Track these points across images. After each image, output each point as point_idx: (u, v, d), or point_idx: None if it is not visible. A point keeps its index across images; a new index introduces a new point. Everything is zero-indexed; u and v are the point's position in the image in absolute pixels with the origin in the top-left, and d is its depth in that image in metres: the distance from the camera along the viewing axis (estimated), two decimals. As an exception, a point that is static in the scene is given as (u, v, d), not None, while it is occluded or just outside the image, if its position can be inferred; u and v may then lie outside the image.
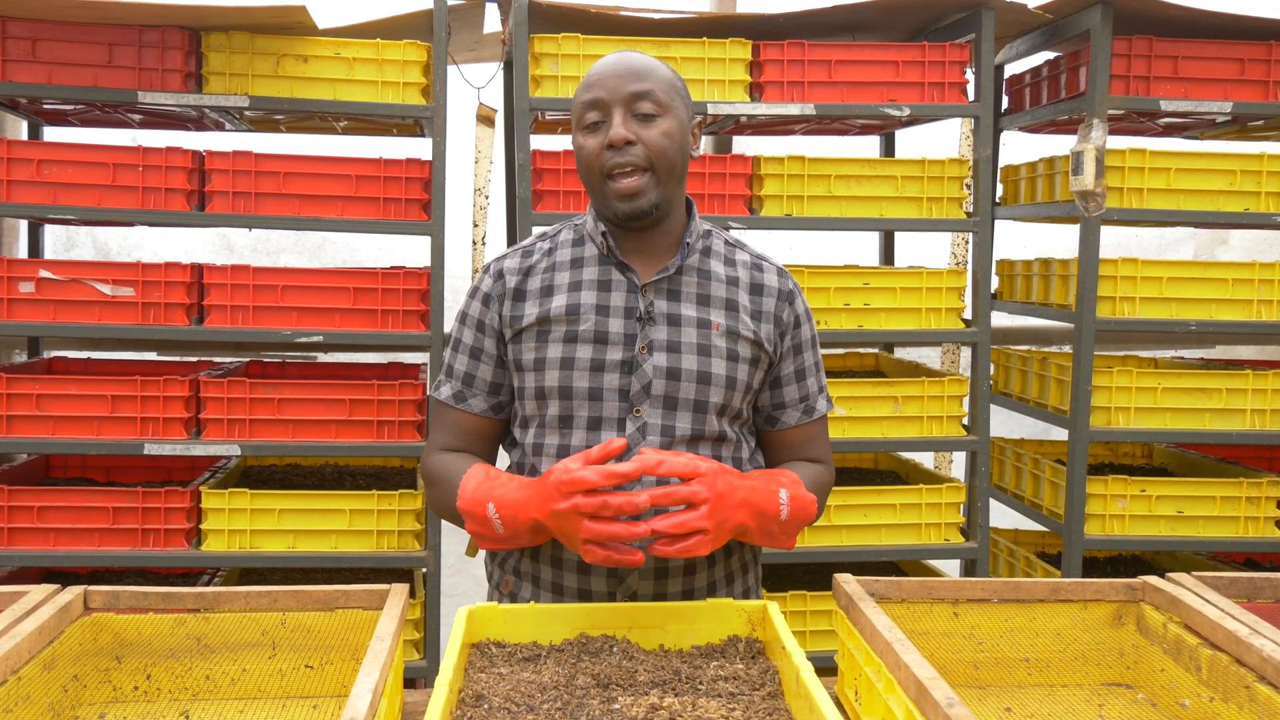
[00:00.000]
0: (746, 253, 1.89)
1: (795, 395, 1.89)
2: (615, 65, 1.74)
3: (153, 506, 2.98)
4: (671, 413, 1.77)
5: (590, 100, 1.72)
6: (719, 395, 1.79)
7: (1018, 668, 1.62)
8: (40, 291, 2.96)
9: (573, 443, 1.77)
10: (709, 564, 1.83)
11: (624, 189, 1.71)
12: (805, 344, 1.91)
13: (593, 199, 1.79)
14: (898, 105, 3.17)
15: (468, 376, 1.85)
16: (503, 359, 1.84)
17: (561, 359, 1.76)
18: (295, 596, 1.56)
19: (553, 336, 1.77)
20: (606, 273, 1.80)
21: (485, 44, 3.64)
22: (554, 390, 1.77)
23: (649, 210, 1.74)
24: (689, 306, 1.80)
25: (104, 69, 2.96)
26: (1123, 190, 3.22)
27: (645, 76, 1.72)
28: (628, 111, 1.71)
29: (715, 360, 1.78)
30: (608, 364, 1.76)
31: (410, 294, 3.07)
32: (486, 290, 1.84)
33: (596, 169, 1.73)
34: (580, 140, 1.75)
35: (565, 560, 1.79)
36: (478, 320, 1.84)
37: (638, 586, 1.77)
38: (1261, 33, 3.23)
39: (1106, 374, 3.25)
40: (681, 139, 1.76)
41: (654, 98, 1.72)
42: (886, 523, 3.22)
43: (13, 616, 1.41)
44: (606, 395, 1.76)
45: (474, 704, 1.33)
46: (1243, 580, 1.66)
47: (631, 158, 1.70)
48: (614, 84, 1.71)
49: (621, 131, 1.69)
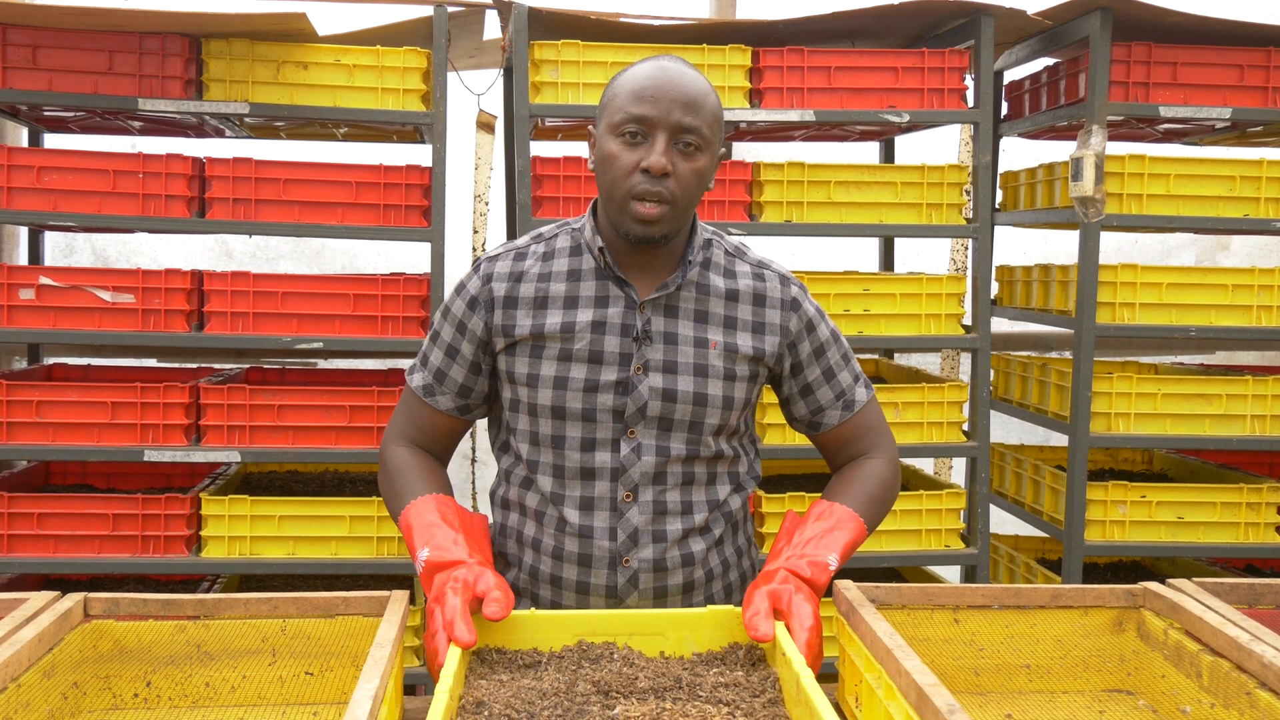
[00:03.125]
0: (747, 261, 1.85)
1: (830, 396, 1.87)
2: (671, 85, 1.68)
3: (153, 513, 2.98)
4: (666, 434, 1.76)
5: (638, 115, 1.66)
6: (715, 416, 1.77)
7: (1018, 674, 1.62)
8: (40, 298, 2.96)
9: (566, 464, 1.76)
10: (707, 580, 1.84)
11: (645, 214, 1.67)
12: (827, 344, 1.87)
13: (606, 205, 1.74)
14: (897, 111, 3.17)
15: (439, 373, 1.84)
16: (478, 365, 1.82)
17: (555, 377, 1.74)
18: (295, 603, 1.56)
19: (547, 353, 1.75)
20: (604, 288, 1.77)
21: (485, 50, 3.65)
22: (547, 409, 1.76)
23: (660, 239, 1.71)
24: (686, 325, 1.77)
25: (104, 76, 2.96)
26: (1122, 196, 3.22)
27: (697, 109, 1.68)
28: (672, 140, 1.67)
29: (712, 381, 1.76)
30: (602, 384, 1.74)
31: (410, 300, 3.07)
32: (474, 293, 1.80)
33: (624, 184, 1.68)
34: (614, 148, 1.69)
35: (564, 580, 1.79)
36: (459, 321, 1.81)
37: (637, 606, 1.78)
38: (1260, 39, 3.23)
39: (1106, 380, 3.26)
40: (709, 175, 1.73)
41: (700, 134, 1.68)
42: (887, 528, 3.22)
43: (13, 624, 1.41)
44: (600, 416, 1.74)
45: (474, 711, 1.33)
46: (1243, 586, 1.65)
47: (661, 189, 1.67)
48: (667, 106, 1.66)
49: (662, 160, 1.65)
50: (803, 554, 1.65)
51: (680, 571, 1.79)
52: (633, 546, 1.76)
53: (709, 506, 1.81)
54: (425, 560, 1.62)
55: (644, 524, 1.76)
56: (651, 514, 1.76)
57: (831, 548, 1.67)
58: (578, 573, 1.77)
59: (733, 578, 1.88)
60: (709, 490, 1.81)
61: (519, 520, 1.85)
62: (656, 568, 1.77)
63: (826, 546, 1.68)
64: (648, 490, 1.76)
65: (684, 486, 1.79)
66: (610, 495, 1.76)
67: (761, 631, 1.47)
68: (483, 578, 1.56)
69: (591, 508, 1.76)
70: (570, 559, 1.78)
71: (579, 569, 1.77)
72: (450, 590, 1.52)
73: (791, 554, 1.65)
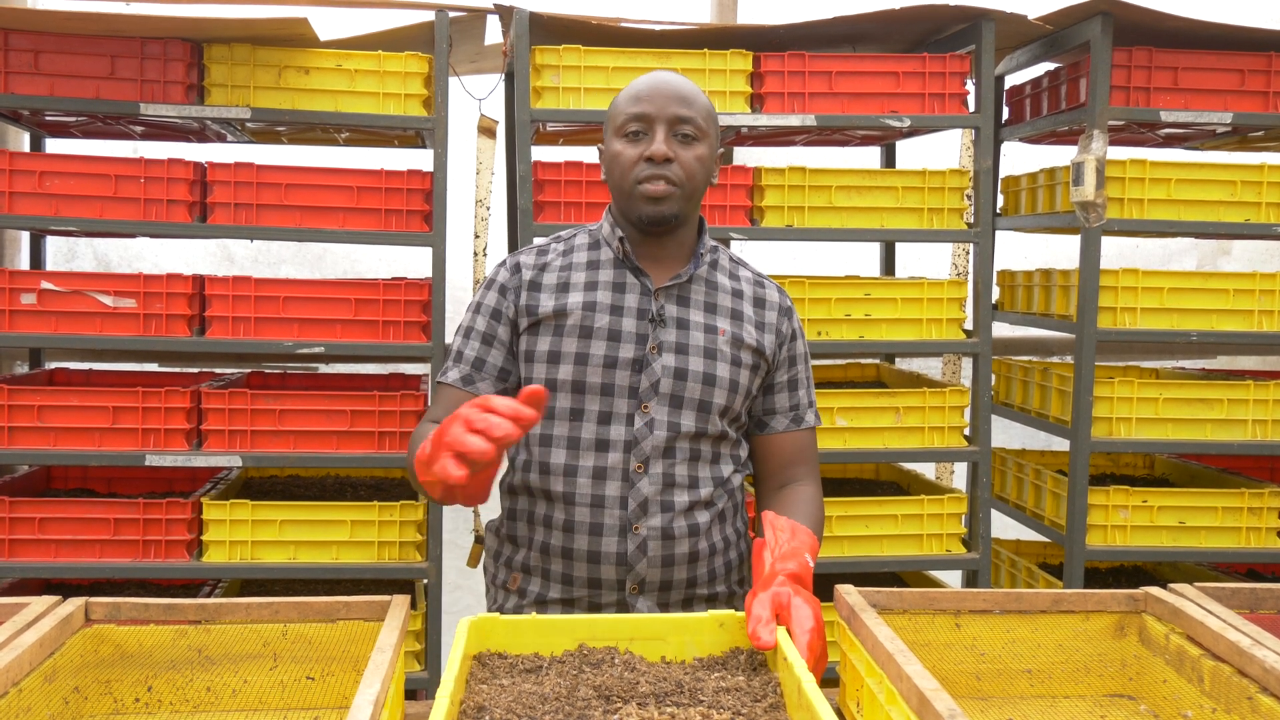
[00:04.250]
0: (749, 270, 2.04)
1: (786, 403, 2.01)
2: (664, 86, 1.87)
3: (154, 518, 2.98)
4: (677, 410, 1.87)
5: (637, 114, 1.85)
6: (722, 397, 1.90)
7: (1020, 679, 1.62)
8: (42, 303, 2.97)
9: (582, 435, 1.87)
10: (710, 553, 1.93)
11: (652, 192, 1.84)
12: (799, 357, 2.03)
13: (618, 200, 1.91)
14: (898, 116, 3.17)
15: (478, 361, 1.93)
16: (514, 349, 1.93)
17: (576, 353, 1.87)
18: (296, 608, 1.56)
19: (568, 331, 1.88)
20: (621, 276, 1.92)
21: (486, 56, 3.65)
22: (567, 384, 1.87)
23: (670, 218, 1.87)
24: (697, 313, 1.92)
25: (106, 81, 2.97)
26: (1123, 201, 3.22)
27: (691, 103, 1.86)
28: (670, 131, 1.85)
29: (720, 364, 1.90)
30: (620, 361, 1.86)
31: (411, 305, 3.07)
32: (503, 282, 1.94)
33: (631, 176, 1.86)
34: (619, 147, 1.87)
35: (575, 551, 1.87)
36: (493, 309, 1.94)
37: (646, 574, 1.87)
38: (1261, 44, 3.24)
39: (1108, 384, 3.25)
40: (710, 164, 1.91)
41: (695, 124, 1.86)
42: (888, 533, 3.22)
43: (14, 628, 1.41)
44: (618, 391, 1.86)
45: (475, 715, 1.33)
46: (1245, 591, 1.65)
47: (666, 172, 1.84)
48: (662, 103, 1.85)
49: (663, 148, 1.83)
50: (786, 554, 1.69)
51: (686, 541, 1.89)
52: (642, 515, 1.86)
53: (714, 482, 1.92)
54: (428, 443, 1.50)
55: (654, 494, 1.87)
56: (661, 485, 1.87)
57: (803, 546, 1.72)
58: (589, 542, 1.87)
59: (732, 556, 1.98)
60: (714, 467, 1.93)
61: (528, 502, 1.94)
62: (665, 535, 1.87)
63: (799, 544, 1.72)
64: (658, 463, 1.87)
65: (691, 461, 1.90)
66: (623, 466, 1.86)
67: (764, 640, 1.49)
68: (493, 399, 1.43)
69: (604, 477, 1.87)
70: (582, 529, 1.87)
71: (590, 538, 1.87)
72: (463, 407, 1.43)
73: (775, 557, 1.69)
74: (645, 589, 1.88)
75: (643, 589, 1.88)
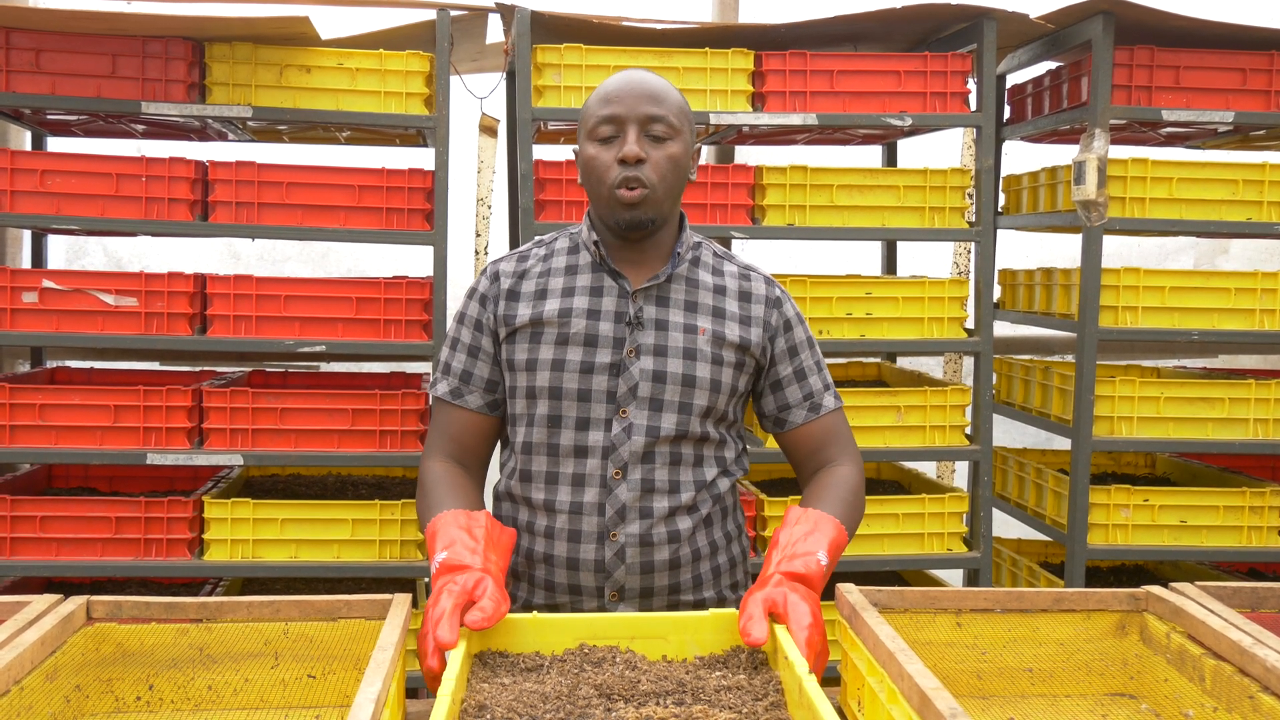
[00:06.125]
0: (735, 264, 1.98)
1: (799, 395, 1.96)
2: (634, 85, 1.83)
3: (155, 516, 2.98)
4: (657, 414, 1.85)
5: (608, 115, 1.81)
6: (703, 398, 1.87)
7: (1021, 678, 1.62)
8: (43, 302, 2.97)
9: (561, 441, 1.85)
10: (693, 559, 1.90)
11: (628, 198, 1.81)
12: (801, 345, 1.98)
13: (595, 206, 1.88)
14: (900, 115, 3.17)
15: (465, 374, 1.93)
16: (498, 358, 1.92)
17: (553, 360, 1.85)
18: (298, 606, 1.56)
19: (544, 338, 1.86)
20: (599, 279, 1.89)
21: (488, 54, 3.65)
22: (544, 390, 1.85)
23: (647, 223, 1.84)
24: (677, 313, 1.88)
25: (107, 80, 2.97)
26: (1125, 200, 3.22)
27: (661, 101, 1.82)
28: (642, 131, 1.81)
29: (700, 364, 1.86)
30: (596, 366, 1.84)
31: (413, 304, 3.07)
32: (484, 291, 1.93)
33: (606, 180, 1.82)
34: (592, 151, 1.83)
35: (555, 558, 1.86)
36: (475, 320, 1.93)
37: (625, 581, 1.85)
38: (1263, 43, 3.23)
39: (1109, 383, 3.25)
40: (685, 163, 1.87)
41: (667, 122, 1.82)
42: (889, 532, 3.22)
43: (15, 627, 1.41)
44: (595, 396, 1.84)
45: (477, 714, 1.33)
46: (1246, 590, 1.65)
47: (639, 174, 1.80)
48: (632, 103, 1.81)
49: (635, 149, 1.79)
50: (793, 554, 1.68)
51: (666, 548, 1.86)
52: (620, 522, 1.84)
53: (696, 486, 1.89)
54: (439, 563, 1.64)
55: (631, 500, 1.84)
56: (640, 491, 1.85)
57: (818, 545, 1.71)
58: (568, 549, 1.86)
59: (721, 560, 1.94)
60: (696, 471, 1.89)
61: (512, 508, 1.94)
62: (643, 542, 1.85)
63: (814, 544, 1.71)
64: (636, 469, 1.85)
65: (671, 466, 1.87)
66: (600, 472, 1.84)
67: (754, 635, 1.49)
68: (482, 583, 1.57)
69: (583, 484, 1.85)
70: (560, 536, 1.86)
71: (569, 545, 1.85)
72: (446, 592, 1.55)
73: (781, 557, 1.68)
74: (625, 596, 1.86)
75: (623, 596, 1.86)
